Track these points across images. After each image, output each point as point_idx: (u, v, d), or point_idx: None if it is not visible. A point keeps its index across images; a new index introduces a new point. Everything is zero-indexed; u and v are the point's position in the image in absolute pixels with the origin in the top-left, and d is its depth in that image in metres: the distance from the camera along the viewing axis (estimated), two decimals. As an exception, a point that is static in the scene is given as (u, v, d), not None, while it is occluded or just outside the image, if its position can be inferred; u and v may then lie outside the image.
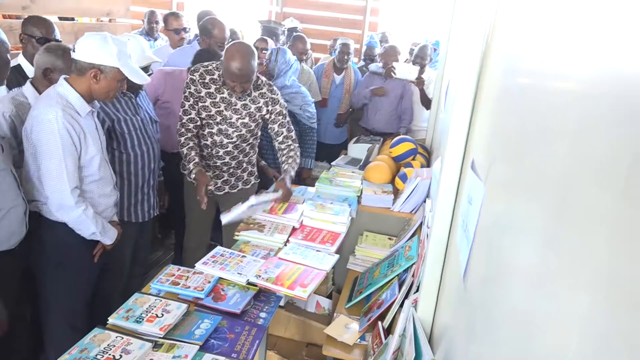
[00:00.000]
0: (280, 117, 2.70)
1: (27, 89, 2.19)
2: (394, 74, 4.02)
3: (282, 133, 2.71)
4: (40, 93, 2.18)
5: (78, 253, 2.09)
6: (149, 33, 4.80)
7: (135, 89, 2.47)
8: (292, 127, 2.77)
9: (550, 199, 0.60)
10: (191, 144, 2.59)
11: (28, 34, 2.68)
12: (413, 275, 1.88)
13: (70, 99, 1.94)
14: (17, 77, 2.52)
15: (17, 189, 1.86)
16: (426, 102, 4.13)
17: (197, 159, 2.56)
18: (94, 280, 2.23)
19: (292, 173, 2.66)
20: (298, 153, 2.75)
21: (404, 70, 4.05)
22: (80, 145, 1.96)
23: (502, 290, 0.75)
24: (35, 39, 2.66)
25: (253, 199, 2.38)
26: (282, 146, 2.73)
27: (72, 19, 4.79)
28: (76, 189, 1.96)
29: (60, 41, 2.73)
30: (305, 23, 6.57)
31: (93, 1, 4.79)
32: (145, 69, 2.45)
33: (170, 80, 3.11)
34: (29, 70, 2.63)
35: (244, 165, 2.81)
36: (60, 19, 4.77)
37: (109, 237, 2.13)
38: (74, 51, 1.97)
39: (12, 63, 2.40)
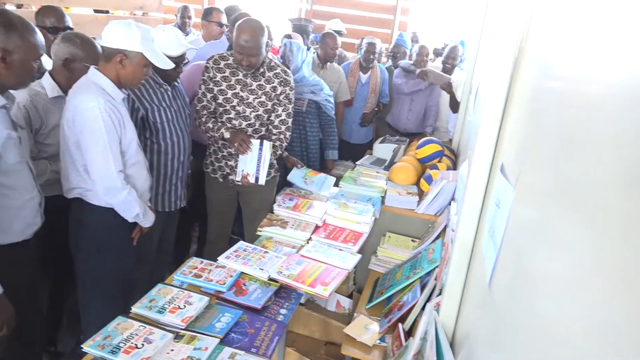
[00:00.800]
0: (286, 101, 2.72)
1: (45, 79, 2.22)
2: (426, 77, 4.00)
3: (281, 116, 2.72)
4: (58, 84, 2.20)
5: (119, 237, 2.16)
6: (181, 28, 4.87)
7: (173, 78, 2.52)
8: (291, 114, 2.77)
9: (586, 205, 0.58)
10: (212, 119, 2.67)
11: (40, 25, 2.66)
12: (436, 279, 1.86)
13: (104, 87, 1.99)
14: None
15: (33, 181, 1.89)
16: (455, 106, 4.08)
17: (225, 126, 2.64)
18: (132, 263, 2.29)
19: (271, 159, 2.74)
20: (284, 145, 2.78)
21: (437, 75, 4.03)
22: (120, 130, 2.02)
23: (530, 298, 0.73)
24: (46, 28, 2.65)
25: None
26: (275, 130, 2.74)
27: (107, 12, 4.89)
28: (121, 172, 2.02)
29: (73, 28, 2.73)
30: (335, 21, 6.56)
31: (127, -5, 4.89)
32: (181, 57, 2.49)
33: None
34: (46, 62, 2.65)
35: None
36: (96, 11, 4.88)
37: (148, 219, 2.20)
38: (101, 38, 2.02)
39: None
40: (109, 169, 1.97)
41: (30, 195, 1.87)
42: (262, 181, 2.61)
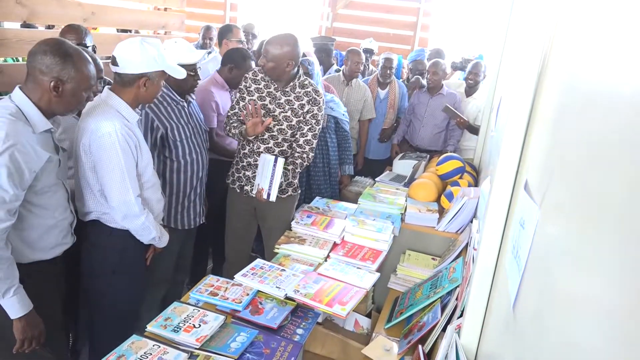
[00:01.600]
0: (313, 121, 2.68)
1: None
2: (445, 111, 4.00)
3: (306, 136, 2.69)
4: None
5: (134, 258, 2.15)
6: (203, 47, 4.95)
7: (190, 88, 2.54)
8: (317, 135, 2.74)
9: (619, 225, 0.54)
10: (238, 125, 2.69)
11: None
12: (457, 299, 1.80)
13: (120, 110, 1.97)
14: None
15: (67, 202, 1.90)
16: (474, 131, 4.03)
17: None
18: (146, 283, 2.27)
19: (289, 176, 2.70)
20: (304, 164, 2.74)
21: (454, 113, 4.02)
22: (137, 154, 2.00)
23: (558, 324, 0.69)
24: None
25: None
26: (298, 149, 2.70)
27: (129, 31, 4.99)
28: (138, 197, 2.00)
29: (88, 46, 2.77)
30: (355, 38, 6.59)
31: (150, 14, 4.99)
32: (194, 66, 2.50)
33: (209, 94, 3.14)
34: None
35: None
36: (119, 31, 4.99)
37: (163, 241, 2.19)
38: (115, 64, 1.98)
39: None
40: (128, 196, 1.95)
41: (63, 215, 1.87)
42: (272, 198, 2.59)
